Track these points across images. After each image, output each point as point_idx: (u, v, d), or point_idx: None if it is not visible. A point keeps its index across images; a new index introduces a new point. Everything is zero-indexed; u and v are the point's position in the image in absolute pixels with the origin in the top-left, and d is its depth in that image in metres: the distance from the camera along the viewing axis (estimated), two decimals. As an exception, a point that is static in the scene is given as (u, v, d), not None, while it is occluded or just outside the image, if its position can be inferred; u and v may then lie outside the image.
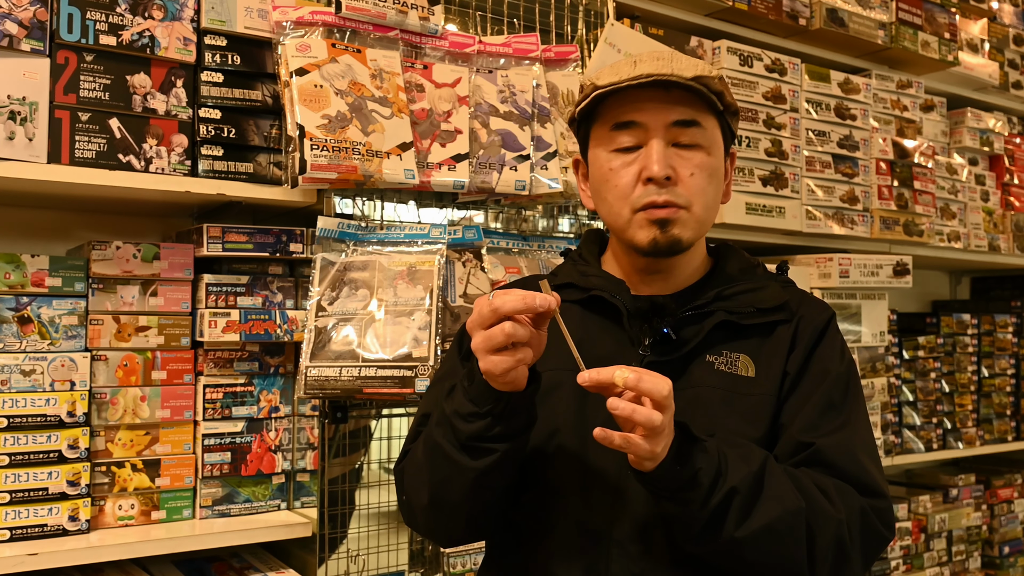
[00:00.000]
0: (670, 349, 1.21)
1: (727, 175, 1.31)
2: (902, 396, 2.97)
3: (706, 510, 1.05)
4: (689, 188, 1.20)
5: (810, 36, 2.66)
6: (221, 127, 1.74)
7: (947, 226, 3.05)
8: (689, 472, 1.05)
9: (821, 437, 1.17)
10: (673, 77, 1.16)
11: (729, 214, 2.37)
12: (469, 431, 1.09)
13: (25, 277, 1.63)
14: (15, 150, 1.54)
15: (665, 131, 1.20)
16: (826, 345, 1.25)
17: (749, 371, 1.22)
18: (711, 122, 1.23)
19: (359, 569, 1.84)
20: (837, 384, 1.23)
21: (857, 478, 1.16)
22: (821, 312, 1.28)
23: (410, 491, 1.23)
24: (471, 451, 1.11)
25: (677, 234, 1.20)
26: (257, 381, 1.83)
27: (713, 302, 1.23)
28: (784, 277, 1.34)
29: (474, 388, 1.08)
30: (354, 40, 1.82)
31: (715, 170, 1.23)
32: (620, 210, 1.23)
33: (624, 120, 1.22)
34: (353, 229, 1.79)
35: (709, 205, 1.23)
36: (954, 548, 3.11)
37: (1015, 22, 3.49)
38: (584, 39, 2.19)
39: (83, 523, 1.62)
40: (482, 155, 1.89)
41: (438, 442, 1.14)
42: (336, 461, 1.83)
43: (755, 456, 1.11)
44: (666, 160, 1.19)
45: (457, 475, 1.13)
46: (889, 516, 1.18)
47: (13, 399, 1.58)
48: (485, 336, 1.03)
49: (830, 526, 1.10)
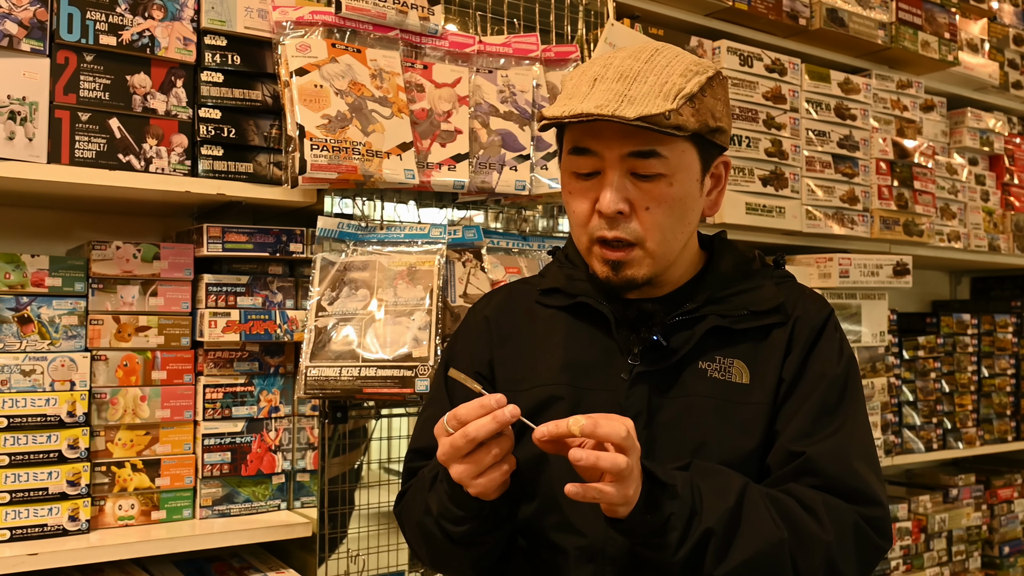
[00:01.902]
0: (660, 357, 1.17)
1: (718, 183, 1.24)
2: (902, 396, 2.97)
3: (681, 554, 1.03)
4: (644, 223, 1.14)
5: (810, 36, 2.66)
6: (221, 127, 1.74)
7: (947, 226, 3.05)
8: (660, 519, 1.02)
9: (813, 445, 1.13)
10: (614, 118, 1.07)
11: (729, 214, 2.37)
12: (458, 532, 1.12)
13: (25, 277, 1.63)
14: (15, 150, 1.54)
15: (620, 162, 1.13)
16: (823, 346, 1.21)
17: (744, 378, 1.18)
18: (677, 148, 1.13)
19: (359, 569, 1.84)
20: (833, 387, 1.18)
21: (851, 486, 1.12)
22: (818, 311, 1.23)
23: (412, 544, 1.27)
24: (464, 545, 1.14)
25: (631, 275, 1.16)
26: (257, 381, 1.82)
27: (704, 306, 1.19)
28: (781, 271, 1.29)
29: (456, 495, 1.10)
30: (354, 40, 1.82)
31: (679, 200, 1.15)
32: (579, 236, 1.20)
33: (580, 146, 1.15)
34: (353, 229, 1.79)
35: (668, 238, 1.16)
36: (954, 548, 3.11)
37: (1015, 22, 3.49)
38: (584, 39, 2.19)
39: (83, 523, 1.62)
40: (482, 155, 1.89)
41: (431, 532, 1.17)
42: (336, 461, 1.83)
43: (732, 488, 1.07)
44: (620, 194, 1.12)
45: (454, 557, 1.18)
46: (885, 525, 1.14)
47: (13, 399, 1.58)
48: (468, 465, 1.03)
49: (817, 551, 1.07)
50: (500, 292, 1.39)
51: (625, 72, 1.12)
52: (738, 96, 2.43)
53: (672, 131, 1.09)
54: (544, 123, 1.15)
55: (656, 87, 1.10)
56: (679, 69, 1.13)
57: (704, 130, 1.13)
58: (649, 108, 1.08)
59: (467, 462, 1.03)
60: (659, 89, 1.10)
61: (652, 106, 1.08)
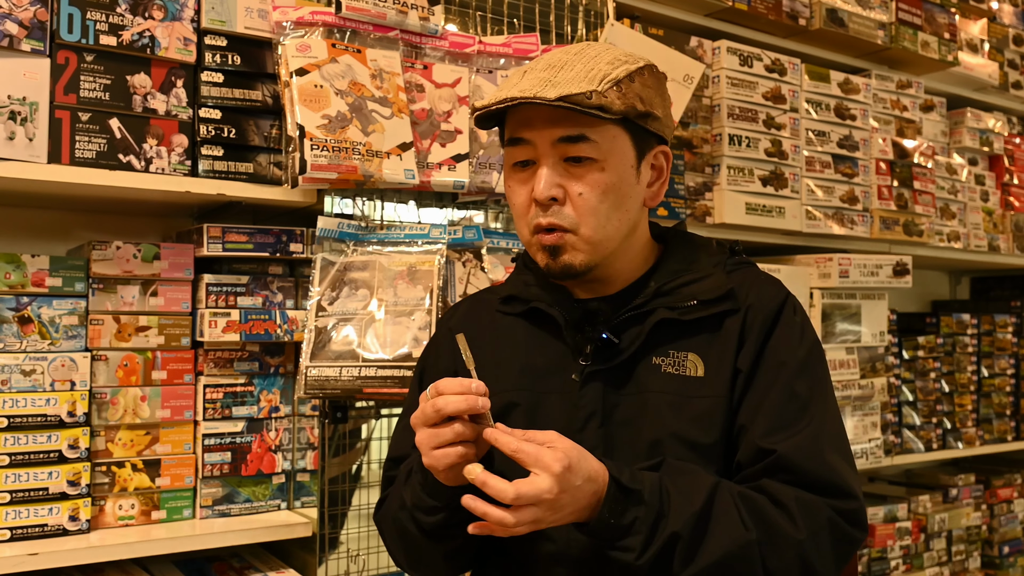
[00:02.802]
0: (612, 355, 1.17)
1: (660, 175, 1.22)
2: (902, 396, 2.97)
3: (645, 558, 1.03)
4: (578, 208, 1.14)
5: (810, 36, 2.66)
6: (221, 127, 1.74)
7: (947, 226, 3.05)
8: (624, 523, 1.03)
9: (783, 441, 1.11)
10: (536, 100, 1.09)
11: (729, 214, 2.38)
12: (430, 522, 1.14)
13: (25, 277, 1.63)
14: (15, 150, 1.54)
15: (552, 148, 1.14)
16: (780, 333, 1.17)
17: (698, 371, 1.16)
18: (608, 132, 1.14)
19: (359, 569, 1.84)
20: (797, 375, 1.15)
21: (825, 480, 1.10)
22: (772, 297, 1.19)
23: (391, 548, 1.29)
24: (436, 537, 1.16)
25: (567, 260, 1.16)
26: (257, 381, 1.83)
27: (652, 299, 1.17)
28: (737, 258, 1.25)
29: (429, 484, 1.11)
30: (354, 40, 1.82)
31: (612, 185, 1.15)
32: (521, 229, 1.20)
33: (514, 136, 1.17)
34: (353, 229, 1.79)
35: (603, 224, 1.15)
36: (954, 548, 3.11)
37: (1015, 22, 3.49)
38: (584, 39, 2.19)
39: (83, 523, 1.62)
40: (482, 155, 1.89)
41: (405, 526, 1.18)
42: (336, 461, 1.83)
43: (701, 489, 1.06)
44: (552, 181, 1.13)
45: (428, 553, 1.19)
46: (860, 516, 1.12)
47: (13, 399, 1.58)
48: (430, 434, 1.05)
49: (789, 550, 1.06)
50: (464, 303, 1.40)
51: (554, 63, 1.15)
52: (738, 96, 2.43)
53: (595, 112, 1.10)
54: (476, 113, 1.17)
55: (582, 73, 1.12)
56: (607, 59, 1.15)
57: (632, 114, 1.14)
58: (571, 89, 1.09)
59: (430, 431, 1.05)
60: (584, 75, 1.12)
61: (574, 88, 1.10)
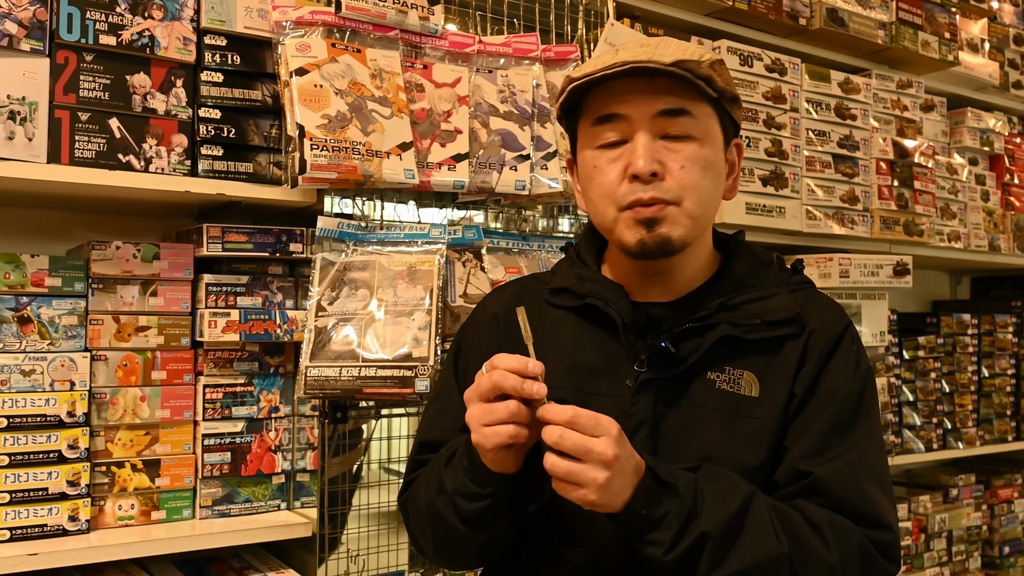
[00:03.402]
0: (668, 365, 1.13)
1: (733, 169, 1.22)
2: (902, 396, 2.97)
3: (673, 554, 1.01)
4: (679, 182, 1.11)
5: (810, 36, 2.66)
6: (221, 127, 1.74)
7: (947, 226, 3.05)
8: (656, 516, 1.01)
9: (822, 464, 1.09)
10: (651, 63, 1.07)
11: (729, 214, 2.37)
12: (471, 510, 1.09)
13: (25, 277, 1.62)
14: (15, 150, 1.54)
15: (651, 122, 1.11)
16: (839, 360, 1.15)
17: (753, 391, 1.13)
18: (704, 110, 1.13)
19: (359, 569, 1.84)
20: (846, 403, 1.13)
21: (860, 509, 1.08)
22: (835, 324, 1.18)
23: (417, 535, 1.23)
24: (473, 526, 1.11)
25: (666, 232, 1.11)
26: (257, 381, 1.82)
27: (716, 313, 1.14)
28: (799, 277, 1.25)
29: (475, 469, 1.07)
30: (354, 40, 1.81)
31: (710, 162, 1.13)
32: (605, 209, 1.15)
33: (606, 113, 1.13)
34: (353, 229, 1.79)
35: (704, 200, 1.13)
36: (954, 548, 3.11)
37: (1015, 22, 3.49)
38: (584, 39, 2.19)
39: (83, 523, 1.62)
40: (482, 155, 1.89)
41: (441, 512, 1.13)
42: (336, 461, 1.83)
43: (736, 495, 1.04)
44: (652, 154, 1.10)
45: (461, 541, 1.14)
46: (894, 549, 1.10)
47: (13, 399, 1.58)
48: (484, 409, 1.02)
49: (819, 570, 1.04)
50: (510, 288, 1.35)
51: (645, 43, 1.13)
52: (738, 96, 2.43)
53: (705, 83, 1.10)
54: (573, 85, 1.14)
55: (680, 49, 1.11)
56: (692, 45, 1.15)
57: (727, 96, 1.14)
58: (683, 55, 1.09)
59: (484, 407, 1.02)
60: (684, 50, 1.11)
61: (688, 53, 1.09)
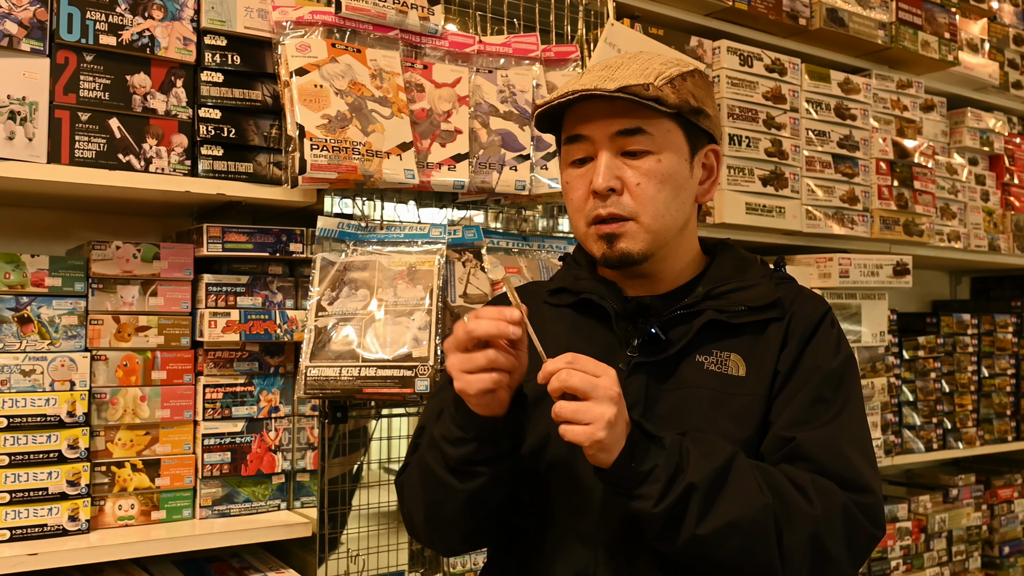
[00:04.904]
0: (658, 349, 1.21)
1: (711, 173, 1.29)
2: (902, 396, 2.97)
3: (663, 506, 1.05)
4: (636, 197, 1.20)
5: (810, 36, 2.66)
6: (221, 127, 1.74)
7: (947, 226, 3.05)
8: (645, 468, 1.05)
9: (804, 432, 1.15)
10: (596, 91, 1.16)
11: (729, 214, 2.37)
12: (456, 455, 1.13)
13: (25, 277, 1.62)
14: (15, 150, 1.54)
15: (610, 142, 1.20)
16: (819, 341, 1.23)
17: (739, 370, 1.20)
18: (663, 126, 1.21)
19: (359, 569, 1.84)
20: (828, 381, 1.20)
21: (842, 473, 1.13)
22: (815, 308, 1.26)
23: (410, 505, 1.27)
24: (460, 474, 1.15)
25: (625, 248, 1.21)
26: (257, 381, 1.82)
27: (702, 301, 1.22)
28: (780, 273, 1.32)
29: (460, 414, 1.12)
30: (354, 40, 1.81)
31: (668, 175, 1.21)
32: (578, 223, 1.25)
33: (573, 134, 1.24)
34: (353, 229, 1.79)
35: (662, 212, 1.21)
36: (954, 548, 3.11)
37: (1015, 22, 3.49)
38: (584, 39, 2.19)
39: (83, 523, 1.62)
40: (482, 155, 1.89)
41: (429, 464, 1.18)
42: (336, 461, 1.83)
43: (720, 452, 1.09)
44: (611, 171, 1.19)
45: (449, 496, 1.17)
46: (876, 512, 1.15)
47: (13, 399, 1.58)
48: (462, 358, 1.07)
49: (803, 523, 1.08)
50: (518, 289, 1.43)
51: (610, 64, 1.23)
52: (738, 96, 2.43)
53: (652, 103, 1.17)
54: (537, 111, 1.24)
55: (638, 71, 1.19)
56: (660, 60, 1.23)
57: (685, 108, 1.20)
58: (629, 81, 1.17)
59: (462, 356, 1.08)
60: (640, 72, 1.19)
61: (632, 80, 1.17)
